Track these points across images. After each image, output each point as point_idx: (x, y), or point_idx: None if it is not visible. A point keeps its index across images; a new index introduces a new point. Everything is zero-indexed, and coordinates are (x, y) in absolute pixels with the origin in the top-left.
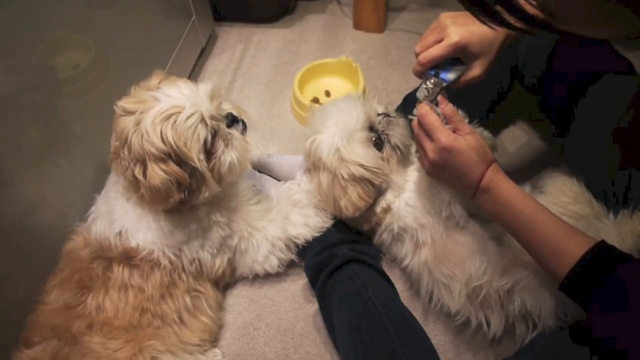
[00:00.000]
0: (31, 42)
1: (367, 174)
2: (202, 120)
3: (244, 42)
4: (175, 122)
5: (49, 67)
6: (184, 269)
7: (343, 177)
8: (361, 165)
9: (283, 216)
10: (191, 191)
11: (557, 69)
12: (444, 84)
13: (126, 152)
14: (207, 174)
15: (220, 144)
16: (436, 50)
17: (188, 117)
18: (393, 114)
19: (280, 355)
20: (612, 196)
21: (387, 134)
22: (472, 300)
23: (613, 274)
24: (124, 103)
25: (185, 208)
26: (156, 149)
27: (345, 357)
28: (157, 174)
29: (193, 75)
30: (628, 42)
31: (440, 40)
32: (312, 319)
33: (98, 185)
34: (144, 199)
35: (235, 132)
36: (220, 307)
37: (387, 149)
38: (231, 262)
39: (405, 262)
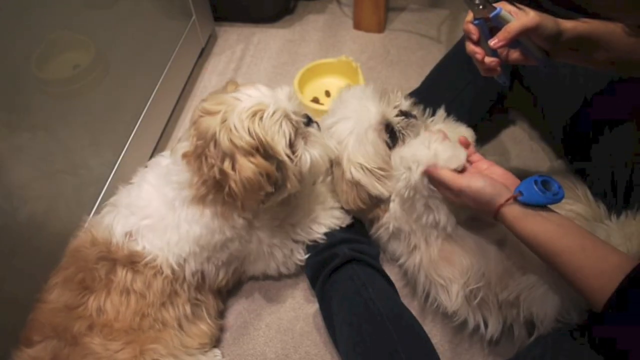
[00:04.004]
0: (31, 42)
1: (364, 180)
2: (286, 116)
3: (244, 42)
4: (261, 118)
5: (49, 67)
6: (185, 280)
7: (347, 179)
8: (363, 167)
9: (310, 219)
10: (277, 186)
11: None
12: (494, 7)
13: (212, 149)
14: (293, 168)
15: (300, 142)
16: None
17: (273, 113)
18: (414, 114)
19: (280, 355)
20: (612, 197)
21: (403, 134)
22: (469, 302)
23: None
24: (205, 105)
25: (263, 207)
26: (245, 143)
27: (345, 357)
28: (248, 166)
29: (193, 75)
30: None
31: None
32: (312, 319)
33: (99, 184)
34: (229, 197)
35: (313, 130)
36: (221, 315)
37: (399, 145)
38: (237, 271)
39: (401, 261)
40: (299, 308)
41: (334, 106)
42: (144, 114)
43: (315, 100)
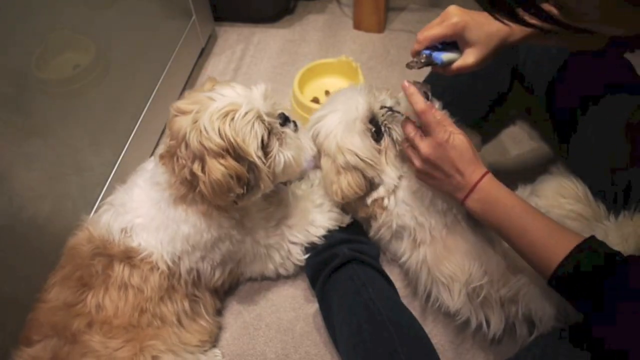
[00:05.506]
0: (31, 42)
1: (360, 164)
2: (259, 117)
3: (244, 42)
4: (232, 119)
5: (49, 67)
6: (181, 276)
7: (338, 164)
8: (355, 155)
9: (307, 221)
10: (249, 188)
11: (568, 78)
12: (435, 63)
13: (183, 150)
14: (265, 170)
15: (274, 143)
16: (434, 29)
17: (245, 114)
18: (398, 109)
19: (280, 355)
20: (612, 197)
21: (388, 127)
22: (472, 300)
23: (602, 274)
24: (179, 104)
25: (236, 207)
26: (215, 145)
27: (345, 357)
28: (217, 168)
29: (193, 75)
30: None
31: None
32: (312, 319)
33: (99, 185)
34: (202, 197)
35: (288, 130)
36: (219, 313)
37: (385, 141)
38: (233, 272)
39: (404, 259)
40: (299, 308)
41: (325, 103)
42: (144, 114)
43: (315, 100)
